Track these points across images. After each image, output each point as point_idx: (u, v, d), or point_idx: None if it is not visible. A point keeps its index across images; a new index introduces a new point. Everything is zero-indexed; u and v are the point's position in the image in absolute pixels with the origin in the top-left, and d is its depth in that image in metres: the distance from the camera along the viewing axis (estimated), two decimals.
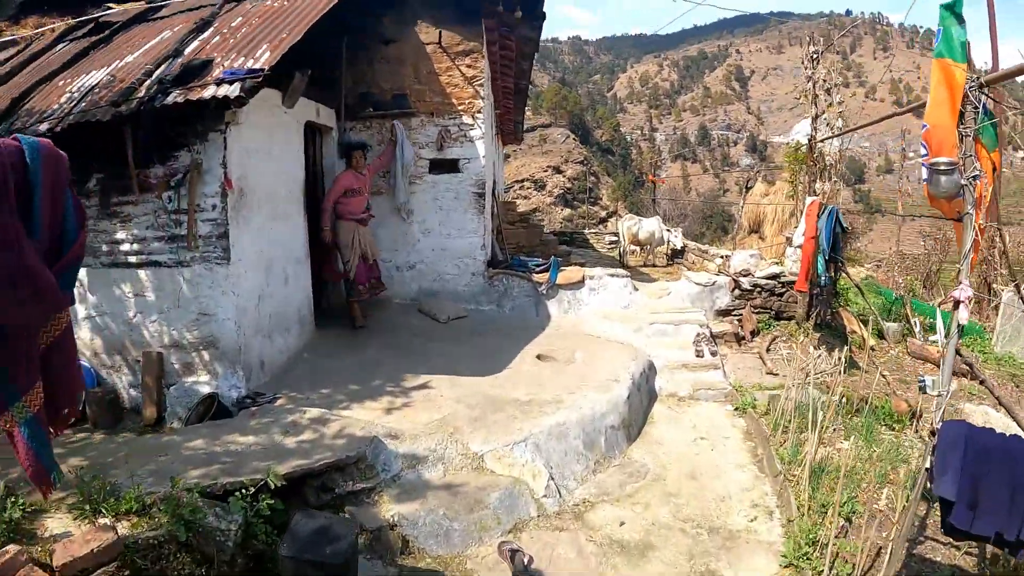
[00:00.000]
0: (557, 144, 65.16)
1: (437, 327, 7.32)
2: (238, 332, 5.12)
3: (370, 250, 7.12)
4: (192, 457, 4.09)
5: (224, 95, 4.38)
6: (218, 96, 4.39)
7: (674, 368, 6.87)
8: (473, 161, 7.68)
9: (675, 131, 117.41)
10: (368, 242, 7.07)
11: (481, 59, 7.38)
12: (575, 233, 20.55)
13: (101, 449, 4.43)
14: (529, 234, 12.83)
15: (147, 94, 4.62)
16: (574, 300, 8.00)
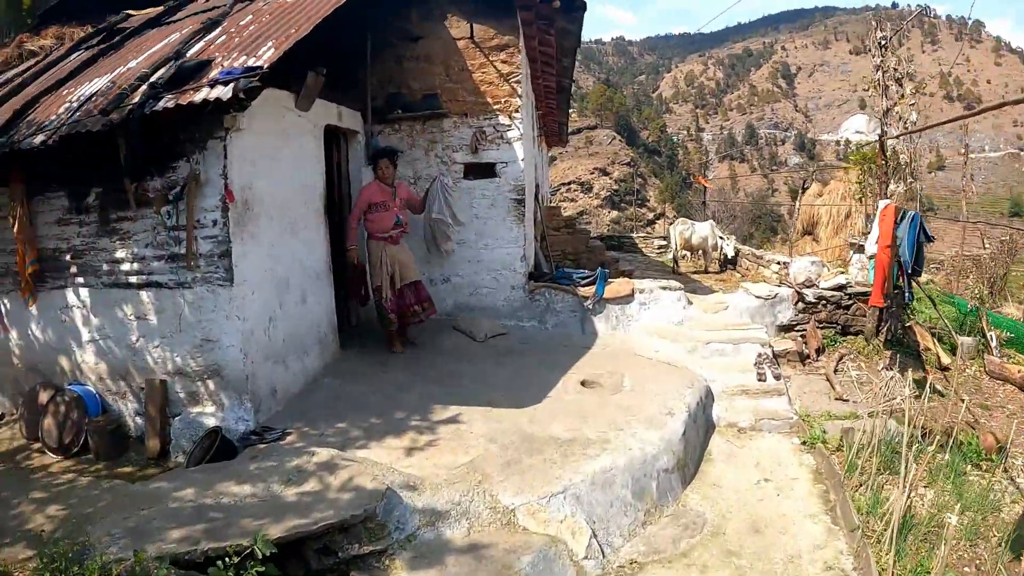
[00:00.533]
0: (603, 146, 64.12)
1: (473, 346, 6.62)
2: (244, 360, 4.53)
3: (399, 272, 6.14)
4: (177, 512, 3.51)
5: (216, 97, 3.79)
6: (209, 99, 3.81)
7: (733, 394, 6.01)
8: (511, 165, 6.96)
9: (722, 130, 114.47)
10: (400, 263, 6.14)
11: (517, 54, 6.66)
12: (623, 237, 19.61)
13: (83, 496, 3.90)
14: (575, 240, 12.06)
15: (139, 100, 4.06)
16: (623, 316, 7.19)
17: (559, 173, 56.37)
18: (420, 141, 7.06)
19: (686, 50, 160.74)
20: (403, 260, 6.18)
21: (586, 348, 6.75)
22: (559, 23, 7.26)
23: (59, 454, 4.88)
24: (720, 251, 14.62)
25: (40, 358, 5.22)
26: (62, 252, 4.91)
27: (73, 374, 5.11)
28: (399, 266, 6.13)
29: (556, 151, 52.02)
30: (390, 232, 6.06)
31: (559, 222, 12.27)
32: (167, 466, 4.62)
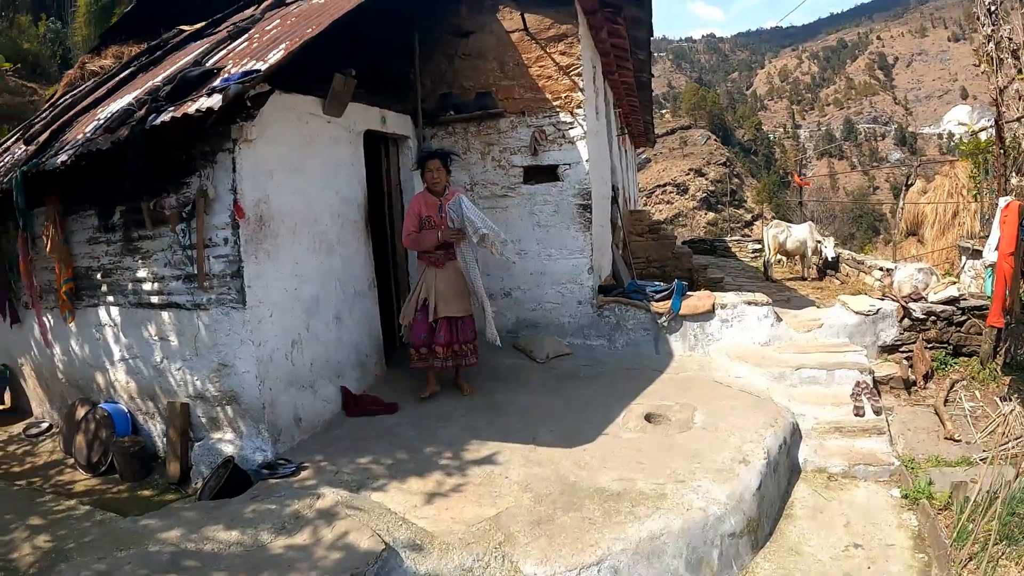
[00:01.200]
0: (698, 146, 61.58)
1: (532, 369, 5.90)
2: (260, 387, 4.10)
3: (435, 301, 4.98)
4: (153, 557, 3.08)
5: (208, 107, 3.34)
6: (201, 109, 3.37)
7: (825, 432, 4.98)
8: (575, 166, 6.20)
9: (819, 127, 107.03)
10: (438, 292, 4.98)
11: (576, 44, 5.91)
12: (716, 241, 18.25)
13: (74, 528, 3.57)
14: (660, 246, 11.09)
15: (141, 115, 3.72)
16: (701, 335, 6.26)
17: (653, 175, 54.56)
18: (475, 144, 6.44)
19: (779, 44, 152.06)
20: (443, 290, 5.01)
21: (657, 372, 5.89)
22: (627, 11, 6.44)
23: (88, 472, 4.70)
24: (821, 255, 13.14)
25: (79, 374, 5.07)
26: (94, 271, 4.72)
27: (108, 392, 4.92)
28: (436, 295, 4.99)
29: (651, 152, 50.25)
30: (432, 254, 5.04)
31: (643, 227, 11.33)
32: (186, 492, 4.30)
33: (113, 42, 6.46)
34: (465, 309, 5.14)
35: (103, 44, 6.53)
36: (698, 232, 37.83)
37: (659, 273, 10.65)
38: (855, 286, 11.57)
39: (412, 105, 6.23)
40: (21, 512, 3.82)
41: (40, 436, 5.35)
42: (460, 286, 5.10)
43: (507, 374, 5.75)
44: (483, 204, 6.38)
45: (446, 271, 5.06)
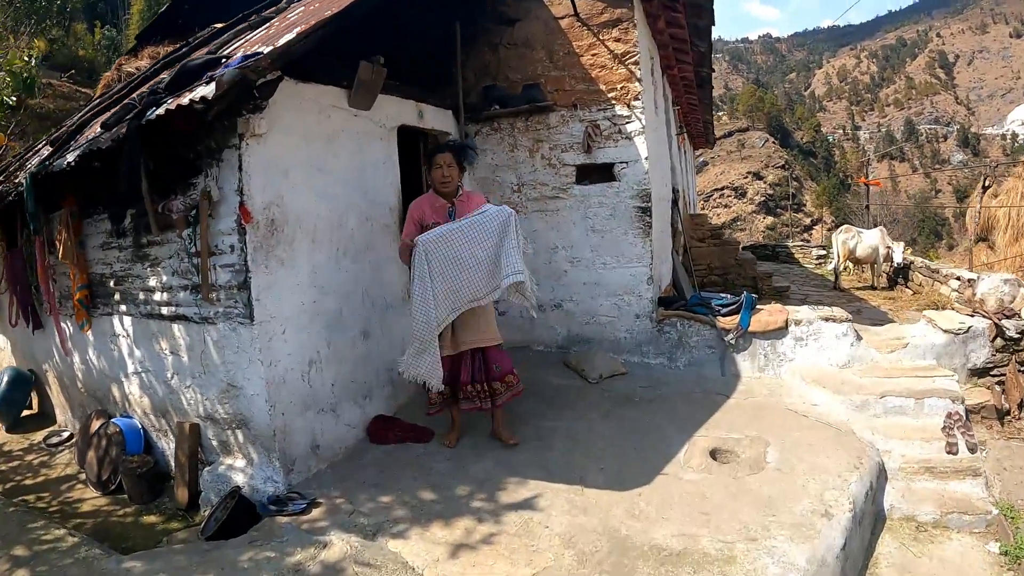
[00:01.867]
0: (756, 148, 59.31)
1: (583, 390, 5.17)
2: (271, 412, 3.58)
3: (450, 330, 3.85)
4: None
5: (202, 96, 2.84)
6: (195, 99, 2.87)
7: (913, 472, 4.13)
8: (633, 165, 5.45)
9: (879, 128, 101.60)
10: (463, 318, 3.84)
11: (632, 29, 5.18)
12: (778, 246, 17.05)
13: (54, 565, 3.13)
14: (722, 253, 10.18)
15: (138, 110, 3.25)
16: (772, 354, 5.43)
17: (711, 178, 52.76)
18: (523, 141, 5.77)
19: (836, 43, 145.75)
20: (467, 315, 3.83)
21: (723, 396, 5.10)
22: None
23: (98, 489, 4.34)
24: (890, 262, 11.94)
25: (96, 385, 4.71)
26: (107, 278, 4.33)
27: (123, 405, 4.53)
28: (460, 322, 3.84)
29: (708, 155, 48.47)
30: None
31: (704, 232, 10.43)
32: (192, 520, 3.84)
33: (149, 43, 6.16)
34: (492, 336, 3.99)
35: (139, 45, 6.25)
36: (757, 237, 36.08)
37: (721, 281, 9.77)
38: (929, 297, 10.46)
39: (454, 99, 5.64)
40: (9, 539, 3.42)
41: (59, 446, 5.04)
42: (482, 308, 3.89)
43: (554, 395, 5.04)
44: (531, 207, 5.74)
45: None
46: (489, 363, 4.01)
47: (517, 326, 5.82)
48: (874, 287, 11.84)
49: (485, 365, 4.01)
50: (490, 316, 4.04)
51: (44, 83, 9.00)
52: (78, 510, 4.14)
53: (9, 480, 4.60)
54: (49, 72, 9.95)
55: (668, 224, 7.25)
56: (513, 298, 3.93)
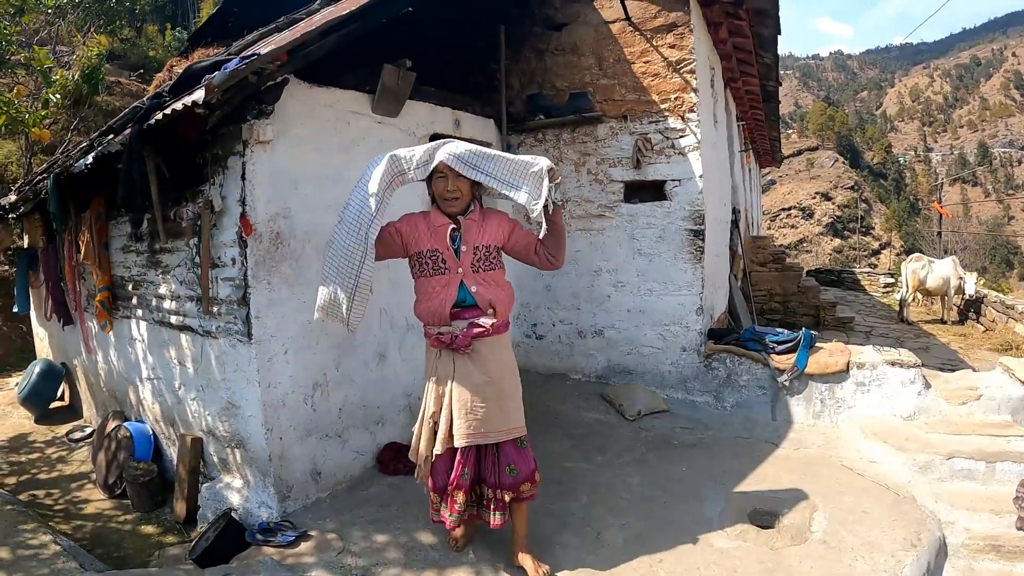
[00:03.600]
0: (825, 168, 56.58)
1: (617, 428, 4.62)
2: (267, 436, 3.23)
3: (449, 415, 2.63)
4: None
5: (193, 100, 2.52)
6: (187, 103, 2.57)
7: (978, 550, 3.40)
8: (686, 183, 4.86)
9: (951, 150, 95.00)
10: (458, 399, 2.62)
11: (688, 35, 4.60)
12: (843, 271, 15.86)
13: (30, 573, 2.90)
14: (783, 278, 9.34)
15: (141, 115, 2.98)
16: (830, 400, 4.76)
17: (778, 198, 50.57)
18: (569, 154, 5.28)
19: (909, 62, 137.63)
20: (467, 395, 2.60)
21: (771, 445, 4.46)
22: (749, 1, 5.06)
23: (105, 492, 4.15)
24: (961, 294, 10.85)
25: (116, 385, 4.53)
26: (126, 281, 4.13)
27: (138, 410, 4.32)
28: (454, 404, 2.62)
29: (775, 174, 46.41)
30: (441, 328, 2.62)
31: (766, 256, 9.60)
32: (187, 536, 3.57)
33: (199, 45, 6.01)
34: (513, 422, 2.68)
35: (191, 47, 6.11)
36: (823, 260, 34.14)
37: (781, 309, 8.97)
38: (1003, 335, 9.40)
39: (496, 108, 5.21)
40: None
41: (80, 442, 4.91)
42: (501, 384, 2.64)
43: (586, 433, 4.50)
44: (575, 225, 5.23)
45: (476, 360, 2.61)
46: (502, 464, 2.68)
47: (554, 352, 5.33)
48: (943, 321, 10.87)
49: (497, 466, 2.68)
50: (510, 393, 2.68)
51: (112, 81, 9.21)
52: (82, 511, 3.96)
53: (25, 472, 4.49)
54: (119, 71, 10.21)
55: (725, 247, 6.60)
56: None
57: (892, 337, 9.24)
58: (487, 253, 2.65)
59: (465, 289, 2.60)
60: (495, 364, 2.65)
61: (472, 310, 2.61)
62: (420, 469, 2.74)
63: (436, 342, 2.64)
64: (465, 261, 2.60)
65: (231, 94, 2.74)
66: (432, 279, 2.61)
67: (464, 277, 2.60)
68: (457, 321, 2.60)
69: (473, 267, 2.61)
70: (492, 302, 2.63)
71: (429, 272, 2.62)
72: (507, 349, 2.74)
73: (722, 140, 6.68)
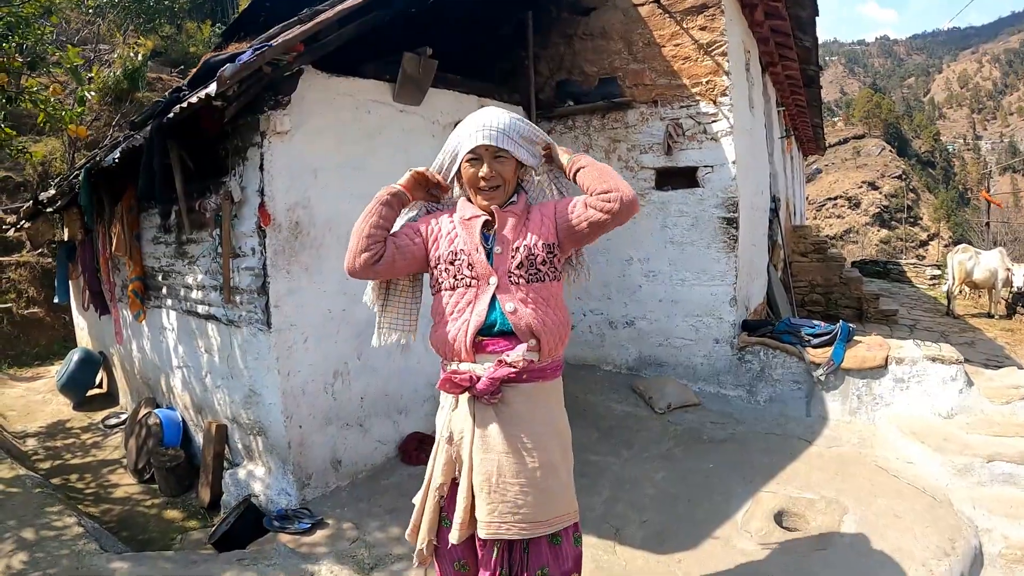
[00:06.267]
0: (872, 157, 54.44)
1: (646, 421, 4.49)
2: (287, 424, 3.23)
3: (489, 497, 1.78)
4: None
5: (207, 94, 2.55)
6: (202, 97, 2.56)
7: (1016, 560, 3.14)
8: (718, 169, 4.66)
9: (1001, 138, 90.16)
10: (482, 471, 1.79)
11: (719, 16, 4.39)
12: (889, 263, 15.24)
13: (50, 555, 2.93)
14: (825, 269, 9.00)
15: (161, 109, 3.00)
16: (867, 396, 4.53)
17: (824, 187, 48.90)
18: (599, 140, 5.13)
19: (957, 47, 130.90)
20: (498, 465, 1.79)
21: (804, 442, 4.27)
22: None
23: (135, 476, 4.24)
24: (1010, 287, 10.32)
25: (149, 373, 4.62)
26: (156, 272, 4.19)
27: (168, 397, 4.40)
28: (483, 480, 1.80)
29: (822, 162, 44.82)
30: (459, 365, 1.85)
31: (807, 245, 9.26)
32: (211, 521, 3.61)
33: (233, 40, 6.03)
34: (557, 509, 1.86)
35: (224, 42, 6.15)
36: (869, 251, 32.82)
37: (823, 300, 8.64)
38: None
39: (524, 94, 5.09)
40: (25, 520, 3.30)
41: (115, 428, 5.04)
42: (542, 452, 1.83)
43: (613, 425, 4.39)
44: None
45: (504, 414, 1.82)
46: (532, 564, 1.84)
47: (585, 342, 5.21)
48: (991, 315, 10.38)
49: (524, 565, 1.84)
50: (556, 455, 1.88)
51: (153, 77, 9.42)
52: (111, 495, 4.06)
53: (60, 458, 4.62)
54: (160, 67, 10.44)
55: (764, 237, 6.35)
56: None
57: (937, 331, 8.84)
58: (533, 258, 1.82)
59: (498, 307, 1.80)
60: (538, 423, 1.83)
61: (504, 339, 1.80)
62: (419, 554, 1.91)
63: (449, 385, 1.79)
64: (501, 266, 1.81)
65: (247, 85, 2.72)
66: (452, 294, 1.83)
67: (498, 290, 1.80)
68: (482, 356, 1.80)
69: (512, 277, 1.81)
70: (535, 329, 1.78)
71: (450, 284, 1.83)
72: (555, 400, 1.93)
73: (759, 126, 6.41)
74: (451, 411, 1.88)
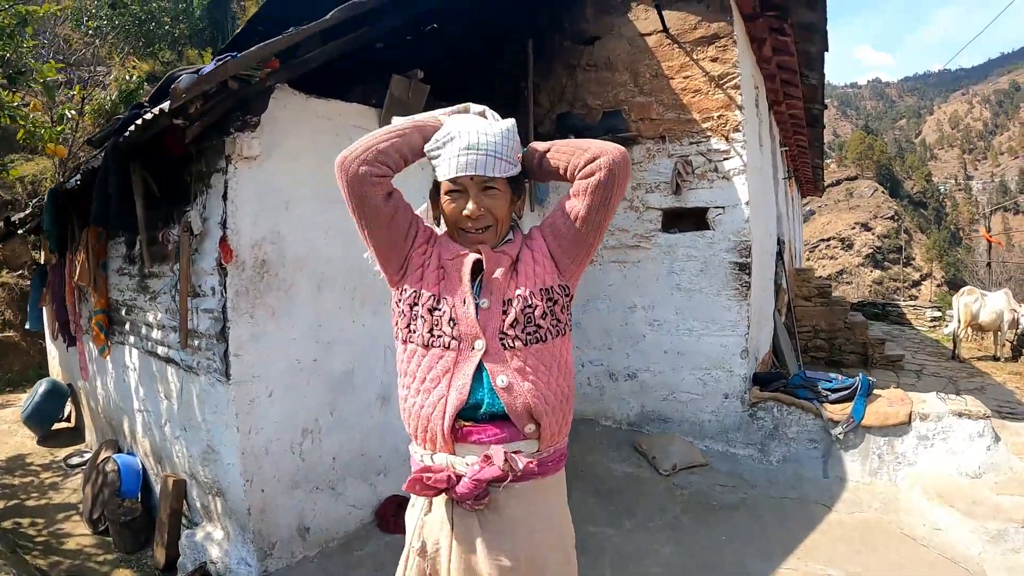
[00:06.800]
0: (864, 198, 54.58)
1: (650, 484, 4.02)
2: (247, 488, 2.78)
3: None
4: None
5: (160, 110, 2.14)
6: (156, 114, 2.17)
7: None
8: (731, 211, 4.28)
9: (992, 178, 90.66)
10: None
11: (732, 47, 4.06)
12: (887, 305, 14.83)
13: None
14: (829, 314, 8.53)
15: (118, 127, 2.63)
16: (888, 455, 4.11)
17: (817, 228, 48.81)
18: None
19: (947, 88, 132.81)
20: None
21: (824, 508, 3.81)
22: (796, 14, 4.50)
23: (89, 527, 3.75)
24: (1016, 329, 10.01)
25: (112, 414, 4.18)
26: (120, 305, 3.77)
27: (130, 441, 3.94)
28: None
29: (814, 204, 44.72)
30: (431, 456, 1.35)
31: (810, 289, 8.78)
32: None
33: None
34: None
35: None
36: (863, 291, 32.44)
37: (827, 346, 8.21)
38: None
39: (522, 128, 4.70)
40: None
41: (77, 468, 4.56)
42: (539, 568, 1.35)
43: (614, 489, 3.91)
44: (607, 257, 4.70)
45: (491, 522, 1.33)
46: None
47: (584, 394, 4.77)
48: (996, 358, 10.03)
49: None
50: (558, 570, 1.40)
51: None
52: (63, 546, 3.58)
53: (15, 498, 4.16)
54: None
55: (770, 281, 5.95)
56: None
57: (944, 376, 8.40)
58: (531, 311, 1.35)
59: (486, 381, 1.32)
60: (537, 531, 1.36)
61: (494, 425, 1.32)
62: None
63: (419, 487, 1.31)
64: (490, 325, 1.34)
65: (214, 103, 2.36)
66: (426, 355, 1.36)
67: (487, 358, 1.32)
68: (464, 447, 1.32)
69: (505, 339, 1.33)
70: (535, 410, 1.32)
71: (423, 339, 1.36)
72: (556, 496, 1.43)
73: (767, 165, 6.09)
74: (423, 514, 1.38)
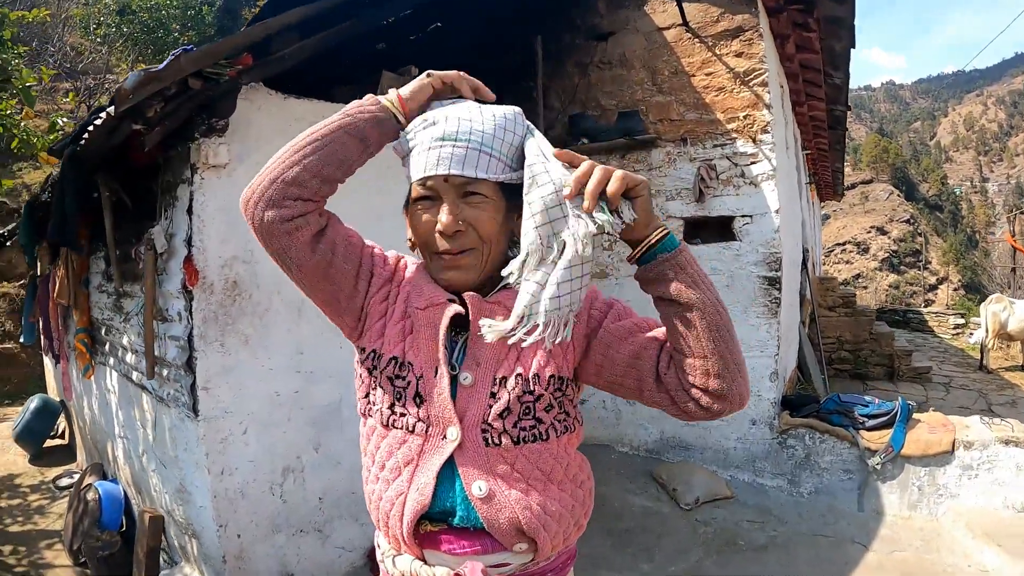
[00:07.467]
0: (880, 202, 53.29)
1: (670, 519, 3.58)
2: (220, 533, 2.43)
3: None
4: None
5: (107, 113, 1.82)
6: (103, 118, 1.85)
7: None
8: (759, 219, 3.81)
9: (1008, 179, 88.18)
10: None
11: (758, 41, 3.62)
12: (909, 312, 14.11)
13: None
14: (854, 324, 7.84)
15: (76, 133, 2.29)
16: (930, 487, 3.67)
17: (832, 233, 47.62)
18: None
19: (962, 90, 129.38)
20: None
21: (860, 546, 3.36)
22: (822, 9, 4.04)
23: (69, 557, 3.43)
24: None
25: (97, 436, 3.88)
26: (100, 324, 3.45)
27: (114, 466, 3.62)
28: None
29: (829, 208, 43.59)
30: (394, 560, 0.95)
31: (834, 299, 8.04)
32: None
33: None
34: None
35: None
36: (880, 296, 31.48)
37: (851, 358, 7.68)
38: None
39: None
40: None
41: (65, 490, 4.26)
42: None
43: (631, 527, 3.46)
44: (624, 271, 4.19)
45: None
46: None
47: (599, 418, 4.34)
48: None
49: None
50: None
51: None
52: None
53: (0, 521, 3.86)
54: None
55: (797, 294, 5.49)
56: None
57: (973, 389, 7.84)
58: (531, 399, 0.92)
59: (459, 485, 0.91)
60: None
61: (468, 539, 0.91)
62: None
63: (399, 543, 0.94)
64: (470, 409, 0.91)
65: (176, 105, 2.01)
66: (386, 436, 0.96)
67: (461, 455, 0.90)
68: (434, 554, 0.92)
69: (488, 433, 0.91)
70: (527, 528, 0.90)
71: (383, 416, 0.96)
72: None
73: (793, 170, 5.63)
74: None
